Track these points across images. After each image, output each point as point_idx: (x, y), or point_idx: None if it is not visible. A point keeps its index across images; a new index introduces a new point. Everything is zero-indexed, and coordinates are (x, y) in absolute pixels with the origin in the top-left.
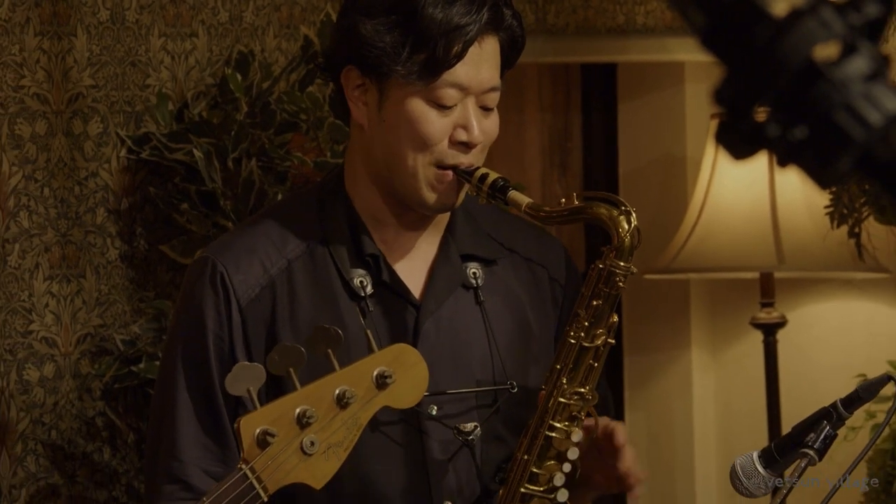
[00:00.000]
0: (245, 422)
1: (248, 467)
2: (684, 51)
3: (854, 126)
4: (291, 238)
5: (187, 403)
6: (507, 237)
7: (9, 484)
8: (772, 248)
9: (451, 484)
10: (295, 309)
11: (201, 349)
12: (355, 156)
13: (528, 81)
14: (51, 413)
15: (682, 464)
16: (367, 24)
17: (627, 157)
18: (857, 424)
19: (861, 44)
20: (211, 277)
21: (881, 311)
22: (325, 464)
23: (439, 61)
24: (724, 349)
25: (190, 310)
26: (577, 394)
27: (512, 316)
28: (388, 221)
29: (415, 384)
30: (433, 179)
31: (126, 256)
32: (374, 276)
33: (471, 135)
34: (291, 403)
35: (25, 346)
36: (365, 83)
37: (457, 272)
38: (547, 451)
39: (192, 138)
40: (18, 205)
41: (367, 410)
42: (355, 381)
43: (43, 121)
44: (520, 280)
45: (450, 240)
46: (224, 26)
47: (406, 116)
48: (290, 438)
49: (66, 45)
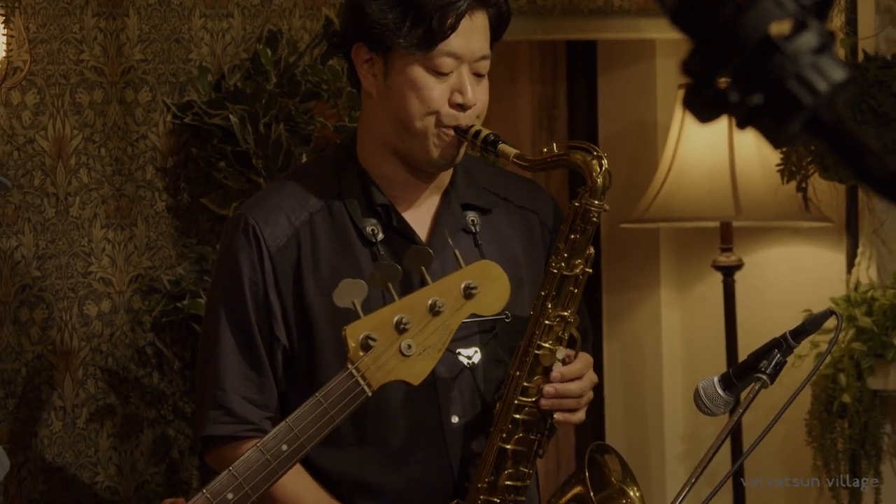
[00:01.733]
0: (350, 329)
1: (354, 367)
2: (656, 30)
3: (804, 93)
4: (312, 195)
5: (229, 340)
6: (501, 189)
7: (72, 404)
8: (730, 201)
9: (457, 401)
10: (317, 254)
11: (239, 293)
12: (366, 121)
13: (519, 56)
14: (107, 343)
15: (652, 388)
16: (371, 4)
17: (606, 122)
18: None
19: (810, 21)
20: (244, 231)
21: (825, 255)
22: (421, 363)
23: (435, 33)
24: (689, 289)
25: (228, 259)
26: (560, 317)
27: (507, 257)
28: (396, 178)
29: (498, 294)
30: (436, 138)
31: (171, 208)
32: (385, 224)
33: (466, 97)
34: (390, 312)
35: (85, 286)
36: (372, 57)
37: (457, 219)
38: (535, 367)
39: (228, 105)
40: (79, 163)
41: (456, 317)
42: (445, 292)
43: (100, 90)
44: (513, 225)
45: (451, 192)
46: (256, 8)
47: (409, 83)
48: (389, 342)
49: (119, 25)
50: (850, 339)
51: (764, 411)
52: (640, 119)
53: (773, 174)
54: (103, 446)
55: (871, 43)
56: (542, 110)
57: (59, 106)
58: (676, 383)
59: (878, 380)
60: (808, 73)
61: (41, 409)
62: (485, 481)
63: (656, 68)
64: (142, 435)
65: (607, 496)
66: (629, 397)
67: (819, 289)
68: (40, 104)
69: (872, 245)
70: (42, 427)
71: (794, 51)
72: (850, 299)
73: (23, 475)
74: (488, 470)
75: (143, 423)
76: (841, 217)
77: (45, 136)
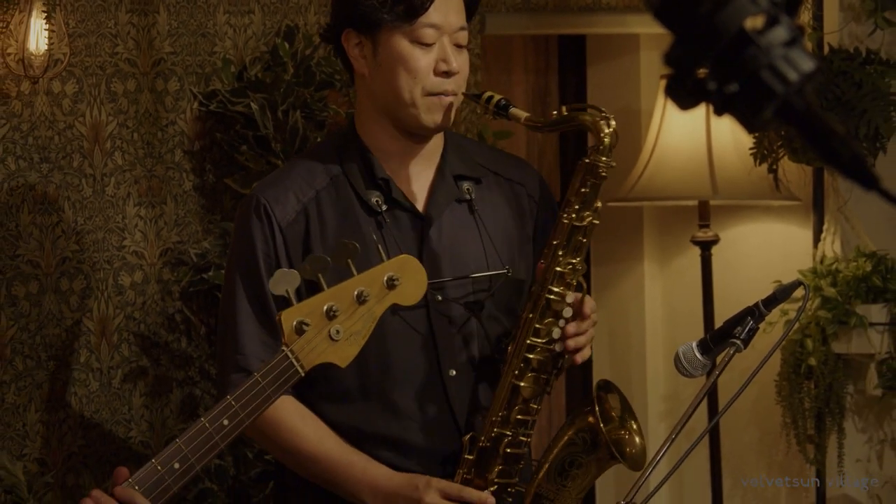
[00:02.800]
0: (285, 314)
1: (289, 349)
2: (640, 25)
3: (776, 82)
4: (318, 174)
5: (246, 309)
6: (491, 163)
7: (108, 366)
8: (707, 181)
9: (456, 355)
10: (324, 227)
11: (254, 265)
12: (363, 102)
13: (514, 49)
14: (140, 310)
15: (636, 353)
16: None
17: None
18: (774, 320)
19: (781, 17)
20: (256, 209)
21: (794, 231)
22: (348, 347)
23: (416, 6)
24: (670, 262)
25: (243, 236)
26: (570, 264)
27: (499, 222)
28: (394, 152)
29: (417, 285)
30: (427, 105)
31: (198, 187)
32: (386, 196)
33: (449, 65)
34: (321, 300)
35: (119, 258)
36: (361, 40)
37: (451, 189)
38: (546, 310)
39: (249, 94)
40: (114, 146)
41: (380, 305)
42: (370, 283)
43: (132, 80)
44: (504, 195)
45: (444, 165)
46: (275, 5)
47: (397, 56)
48: (320, 327)
49: (150, 20)
50: (816, 308)
51: (738, 373)
52: (626, 106)
53: (746, 157)
54: (136, 405)
55: (835, 37)
56: (536, 99)
57: (95, 94)
58: (658, 348)
59: (841, 344)
60: (779, 64)
61: (80, 371)
62: (498, 415)
63: (640, 60)
64: (171, 394)
65: (612, 428)
66: (615, 361)
67: (788, 262)
68: (79, 93)
69: (837, 222)
70: (80, 387)
71: (767, 44)
72: (817, 271)
73: (63, 430)
74: (501, 405)
75: (173, 384)
76: (808, 196)
77: (84, 122)
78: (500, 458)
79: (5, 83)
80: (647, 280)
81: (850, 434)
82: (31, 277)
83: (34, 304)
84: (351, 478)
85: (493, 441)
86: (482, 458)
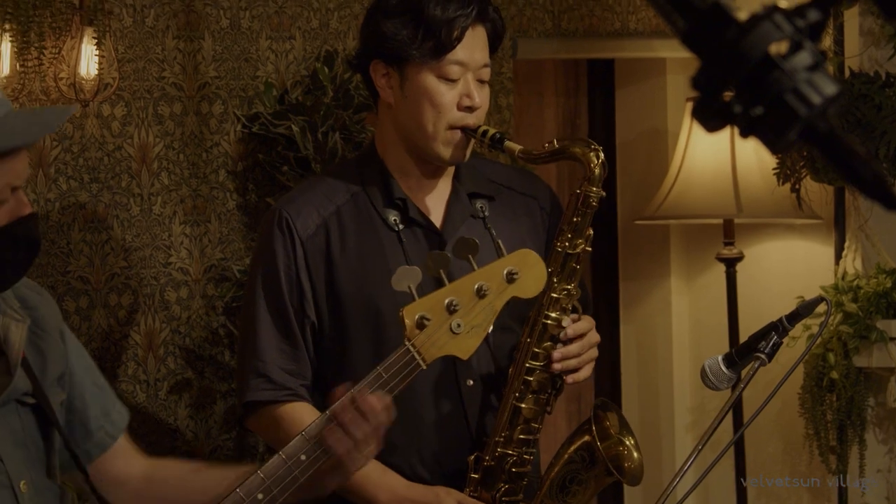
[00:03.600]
0: (407, 310)
1: (410, 343)
2: (666, 50)
3: (799, 105)
4: (338, 191)
5: (266, 318)
6: (504, 179)
7: (154, 378)
8: (732, 200)
9: (472, 366)
10: (345, 241)
11: (275, 276)
12: (385, 126)
13: (545, 73)
14: (185, 325)
15: (663, 365)
16: (387, 23)
17: (623, 131)
18: (797, 335)
19: (805, 42)
20: (278, 223)
21: (816, 249)
22: (469, 340)
23: (443, 44)
24: (696, 278)
25: (265, 248)
26: (565, 290)
27: (513, 237)
28: (412, 173)
29: (535, 278)
30: (447, 138)
31: (241, 206)
32: (403, 214)
33: (472, 100)
34: (442, 295)
35: (166, 274)
36: (389, 71)
37: (466, 206)
38: (543, 334)
39: (290, 116)
40: (160, 167)
41: (500, 299)
42: (490, 277)
43: (179, 103)
44: (517, 209)
45: (458, 184)
46: (315, 31)
47: (423, 90)
48: (441, 321)
49: (196, 46)
50: (838, 323)
51: (762, 386)
52: (653, 128)
53: (770, 177)
54: (181, 415)
55: (856, 62)
56: (566, 121)
57: (143, 117)
58: (684, 361)
59: (862, 358)
60: (803, 87)
61: (128, 383)
62: (501, 435)
63: (667, 83)
64: (215, 406)
65: (609, 444)
66: (643, 374)
67: (811, 278)
68: (127, 116)
69: (857, 239)
70: (128, 398)
71: (791, 68)
72: (838, 287)
73: None
74: (504, 425)
75: (216, 396)
76: (830, 215)
77: (132, 144)
78: (504, 476)
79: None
80: (674, 296)
81: (871, 445)
82: (81, 293)
83: (84, 319)
84: (368, 483)
85: (497, 460)
86: (487, 477)
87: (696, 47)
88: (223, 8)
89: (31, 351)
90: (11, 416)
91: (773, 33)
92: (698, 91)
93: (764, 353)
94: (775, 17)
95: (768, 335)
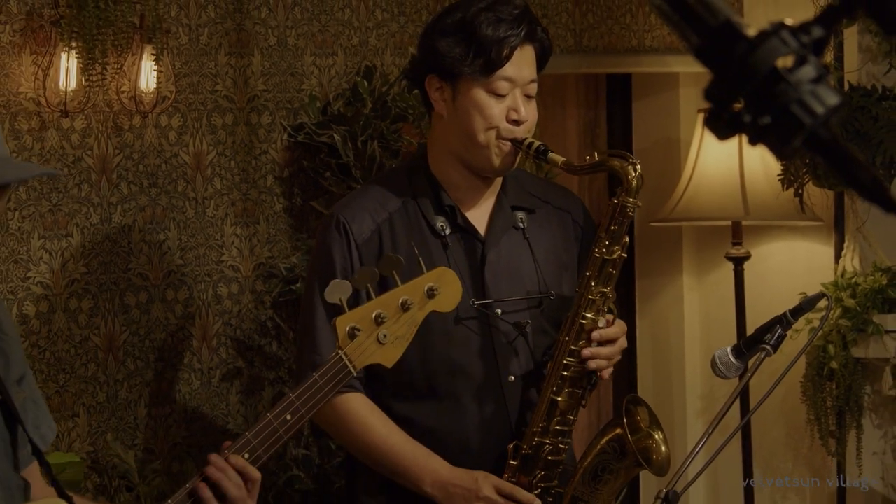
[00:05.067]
0: (340, 321)
1: (343, 352)
2: (679, 65)
3: (804, 115)
4: (391, 198)
5: (322, 315)
6: (543, 193)
7: (208, 366)
8: (740, 204)
9: (512, 363)
10: (396, 245)
11: (331, 275)
12: (437, 138)
13: (567, 87)
14: (236, 318)
15: (676, 356)
16: (441, 42)
17: (639, 139)
18: (800, 328)
19: (809, 57)
20: (336, 226)
21: (817, 249)
22: (393, 350)
23: (494, 62)
24: (706, 275)
25: (323, 249)
26: (601, 293)
27: (549, 247)
28: (460, 184)
29: (453, 294)
30: (496, 149)
31: (287, 209)
32: (451, 222)
33: (520, 114)
34: (370, 308)
35: (218, 272)
36: (442, 85)
37: (508, 218)
38: (580, 333)
39: (333, 126)
40: (213, 173)
41: (421, 312)
42: (413, 292)
43: (230, 114)
44: (552, 223)
45: (503, 196)
46: (355, 48)
47: (473, 104)
48: (369, 332)
49: (246, 62)
50: (837, 317)
51: (767, 375)
52: (666, 137)
53: (775, 182)
54: (232, 401)
55: (854, 76)
56: (587, 131)
57: (197, 127)
58: (696, 352)
59: (860, 349)
60: (808, 98)
61: (183, 371)
62: (538, 426)
63: (680, 96)
64: (263, 392)
65: (639, 438)
66: (657, 363)
67: (812, 276)
68: (183, 126)
69: (856, 240)
70: (184, 385)
71: (797, 80)
72: (838, 284)
73: (169, 423)
74: (541, 417)
75: (265, 383)
76: (830, 217)
77: (187, 152)
78: (541, 464)
79: (119, 118)
80: (686, 292)
81: (868, 430)
82: (140, 288)
83: (144, 312)
84: (415, 467)
85: (534, 448)
86: (525, 464)
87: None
88: (271, 27)
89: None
90: None
91: (780, 49)
92: (710, 102)
93: (769, 345)
94: (782, 34)
95: (773, 328)
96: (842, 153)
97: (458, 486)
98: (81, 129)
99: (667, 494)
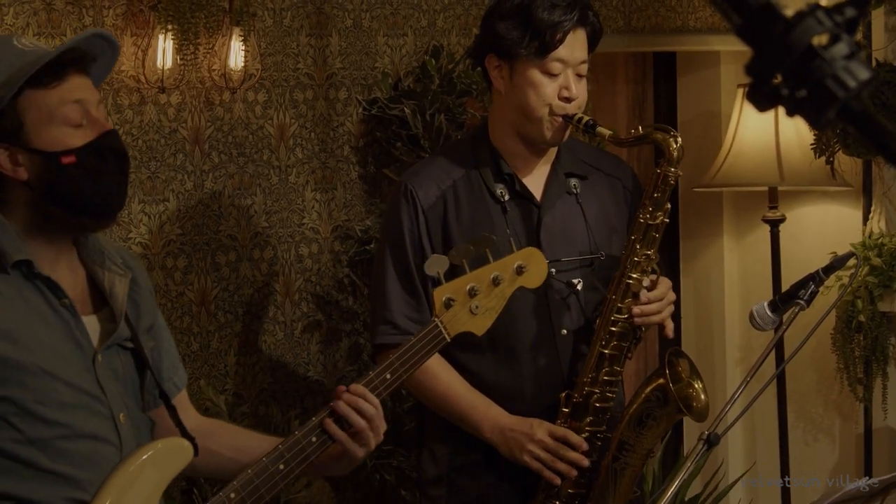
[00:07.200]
0: (437, 291)
1: (439, 320)
2: (721, 44)
3: (838, 88)
4: (455, 166)
5: (392, 273)
6: (595, 161)
7: (290, 319)
8: (776, 171)
9: (565, 318)
10: (459, 210)
11: (400, 238)
12: (496, 112)
13: (617, 64)
14: (316, 275)
15: (717, 311)
16: (500, 25)
17: (683, 112)
18: (831, 284)
19: (843, 35)
20: (404, 193)
21: (847, 212)
22: (484, 320)
23: (548, 44)
24: (744, 237)
25: (392, 214)
26: (646, 255)
27: (599, 211)
28: (518, 153)
29: (539, 273)
30: (549, 123)
31: (362, 176)
32: (510, 188)
33: (571, 92)
34: (465, 281)
35: (300, 234)
36: (501, 64)
37: (562, 184)
38: (626, 292)
39: (403, 101)
40: (295, 143)
41: (510, 287)
42: (503, 269)
43: (310, 90)
44: (604, 188)
45: (557, 164)
46: (424, 29)
47: (529, 83)
48: (463, 303)
49: (325, 42)
50: (865, 274)
51: (800, 328)
52: (708, 110)
53: (808, 150)
54: (313, 351)
55: (882, 53)
56: (635, 105)
57: (281, 102)
58: (735, 307)
59: (886, 304)
60: (841, 73)
61: (269, 323)
62: (588, 377)
63: (721, 73)
64: (341, 343)
65: (680, 387)
66: (699, 318)
67: (842, 237)
68: (268, 101)
69: (882, 204)
70: (269, 336)
71: (831, 57)
72: (866, 244)
73: (255, 370)
74: (591, 368)
75: (342, 334)
76: (859, 183)
77: (272, 124)
78: (590, 411)
79: (210, 93)
80: (726, 252)
81: (893, 377)
82: (230, 248)
83: (233, 270)
84: (475, 413)
85: (584, 397)
86: (576, 411)
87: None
88: (348, 10)
89: (128, 303)
90: (114, 358)
91: (816, 27)
92: (751, 77)
93: (803, 300)
94: (817, 14)
95: (806, 284)
96: (872, 123)
97: (515, 431)
98: (177, 104)
99: (708, 436)
